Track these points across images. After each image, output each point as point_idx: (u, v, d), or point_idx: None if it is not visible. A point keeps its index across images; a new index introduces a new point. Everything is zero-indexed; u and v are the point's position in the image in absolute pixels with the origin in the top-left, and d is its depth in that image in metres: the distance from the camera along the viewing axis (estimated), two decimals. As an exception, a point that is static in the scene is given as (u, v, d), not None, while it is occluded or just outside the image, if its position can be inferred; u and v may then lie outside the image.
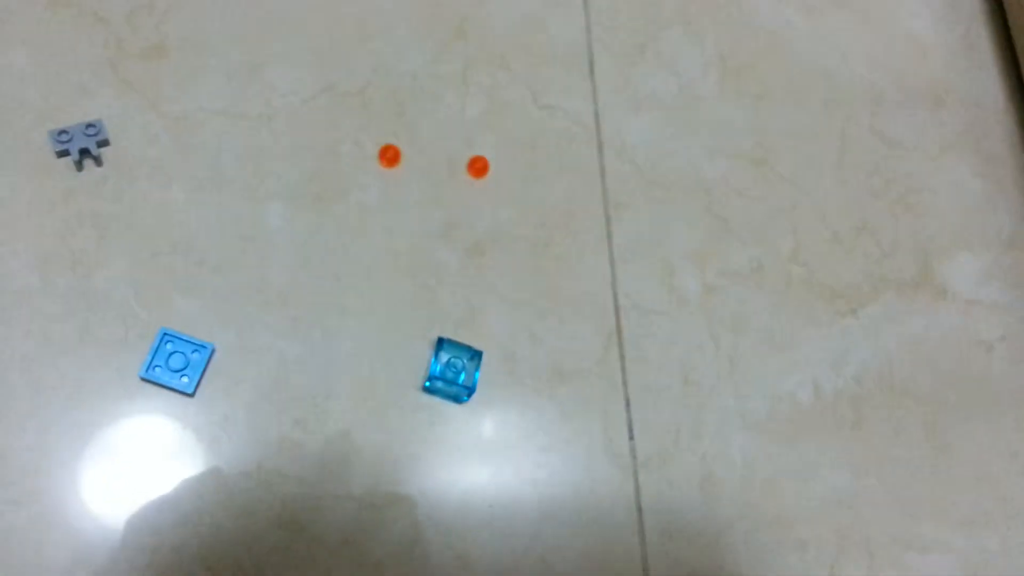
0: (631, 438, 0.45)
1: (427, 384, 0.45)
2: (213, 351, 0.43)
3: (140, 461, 0.41)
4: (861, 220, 0.55)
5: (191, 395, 0.42)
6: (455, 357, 0.44)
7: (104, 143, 0.44)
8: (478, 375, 0.44)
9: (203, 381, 0.42)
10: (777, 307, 0.52)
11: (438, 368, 0.44)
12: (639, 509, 0.44)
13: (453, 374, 0.44)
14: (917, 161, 0.56)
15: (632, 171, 0.52)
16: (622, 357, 0.47)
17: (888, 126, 0.57)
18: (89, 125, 0.43)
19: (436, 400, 0.45)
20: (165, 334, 0.42)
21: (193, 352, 0.42)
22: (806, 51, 0.57)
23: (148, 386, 0.42)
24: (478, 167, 0.50)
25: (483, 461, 0.44)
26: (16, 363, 0.40)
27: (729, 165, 0.53)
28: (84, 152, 0.43)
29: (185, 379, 0.42)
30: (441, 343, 0.44)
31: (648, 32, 0.55)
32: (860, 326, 0.52)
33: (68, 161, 0.43)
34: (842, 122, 0.56)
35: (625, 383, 0.46)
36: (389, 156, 0.48)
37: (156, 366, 0.41)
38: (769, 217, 0.53)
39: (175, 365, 0.42)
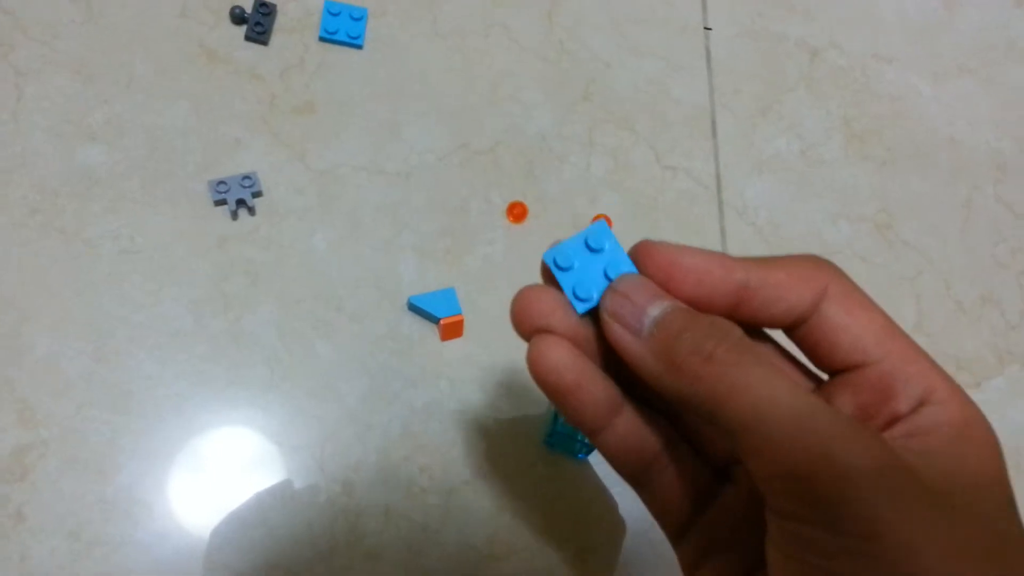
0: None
1: (547, 440, 0.45)
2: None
3: (273, 500, 0.43)
4: (986, 290, 0.53)
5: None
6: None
7: (257, 194, 0.46)
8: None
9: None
10: (898, 376, 0.51)
11: (558, 424, 0.45)
12: None
13: (572, 430, 0.45)
14: (1048, 232, 0.55)
15: (753, 232, 0.52)
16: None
17: (1013, 194, 0.56)
18: (245, 177, 0.46)
19: (557, 455, 0.46)
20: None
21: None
22: (931, 117, 0.57)
23: (293, 429, 0.44)
24: (601, 225, 0.51)
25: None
26: (170, 401, 0.43)
27: (852, 229, 0.53)
28: (240, 202, 0.46)
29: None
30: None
31: (771, 95, 0.55)
32: (985, 399, 0.51)
33: (224, 210, 0.46)
34: (968, 189, 0.56)
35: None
36: (516, 212, 0.50)
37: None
38: (892, 284, 0.52)
39: (314, 409, 0.44)
